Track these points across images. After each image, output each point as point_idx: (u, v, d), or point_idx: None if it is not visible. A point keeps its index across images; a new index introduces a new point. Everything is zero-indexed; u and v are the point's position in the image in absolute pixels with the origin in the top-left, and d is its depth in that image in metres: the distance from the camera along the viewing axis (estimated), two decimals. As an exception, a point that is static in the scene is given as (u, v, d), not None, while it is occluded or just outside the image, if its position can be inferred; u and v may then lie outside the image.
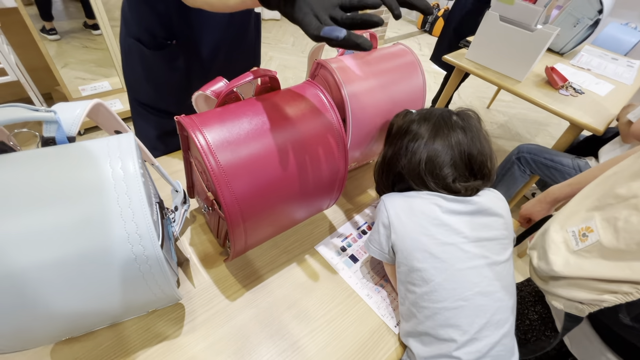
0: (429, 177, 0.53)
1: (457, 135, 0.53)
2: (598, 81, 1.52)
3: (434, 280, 0.48)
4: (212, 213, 0.53)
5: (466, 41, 1.66)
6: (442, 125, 0.54)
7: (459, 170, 0.53)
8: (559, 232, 0.53)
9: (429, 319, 0.48)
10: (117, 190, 0.33)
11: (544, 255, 0.54)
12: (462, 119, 0.55)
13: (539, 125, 2.54)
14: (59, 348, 0.47)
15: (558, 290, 0.50)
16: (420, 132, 0.54)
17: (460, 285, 0.47)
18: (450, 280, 0.47)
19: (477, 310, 0.47)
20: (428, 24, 3.73)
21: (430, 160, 0.52)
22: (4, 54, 1.30)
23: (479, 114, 0.58)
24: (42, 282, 0.31)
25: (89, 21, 2.27)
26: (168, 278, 0.39)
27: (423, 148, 0.53)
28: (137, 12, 0.65)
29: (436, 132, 0.54)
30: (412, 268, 0.50)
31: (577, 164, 1.25)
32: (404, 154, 0.54)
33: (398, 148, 0.56)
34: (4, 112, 0.32)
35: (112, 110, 0.42)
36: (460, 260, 0.48)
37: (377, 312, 0.57)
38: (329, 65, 0.59)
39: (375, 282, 0.62)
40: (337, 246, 0.66)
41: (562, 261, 0.50)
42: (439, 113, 0.56)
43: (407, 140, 0.55)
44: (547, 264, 0.52)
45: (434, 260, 0.48)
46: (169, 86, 0.75)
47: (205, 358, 0.48)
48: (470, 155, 0.53)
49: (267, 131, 0.45)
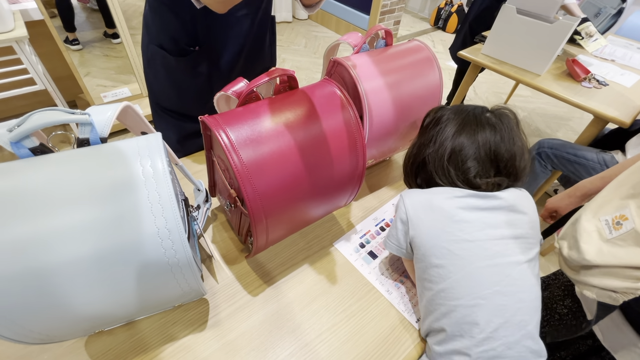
0: (451, 168, 0.53)
1: (485, 131, 0.53)
2: (623, 72, 1.46)
3: (451, 277, 0.47)
4: (234, 210, 0.54)
5: (482, 36, 1.63)
6: (471, 121, 0.54)
7: (484, 166, 0.52)
8: (591, 221, 0.53)
9: (445, 316, 0.48)
10: (147, 187, 0.35)
11: (575, 245, 0.53)
12: (496, 117, 0.55)
13: (560, 120, 2.46)
14: (92, 340, 0.49)
15: (590, 279, 0.49)
16: (449, 125, 0.55)
17: (479, 284, 0.47)
18: (468, 277, 0.47)
19: (495, 310, 0.46)
20: (441, 21, 3.68)
21: (455, 153, 0.53)
22: (32, 64, 1.37)
23: (517, 114, 0.57)
24: (78, 278, 0.33)
25: (109, 31, 2.36)
26: (195, 272, 0.40)
27: (449, 140, 0.54)
28: (161, 20, 0.67)
29: (464, 126, 0.54)
30: (430, 264, 0.50)
31: (602, 158, 1.20)
32: (431, 143, 0.55)
33: (426, 138, 0.57)
34: (44, 115, 0.34)
35: (140, 112, 0.44)
36: (480, 258, 0.47)
37: (398, 307, 0.57)
38: (345, 62, 0.60)
39: (394, 278, 0.62)
40: (355, 243, 0.66)
41: (595, 250, 0.49)
42: (472, 109, 0.57)
43: (436, 132, 0.56)
44: (579, 253, 0.51)
45: (453, 257, 0.48)
46: (191, 91, 0.77)
47: (230, 351, 0.50)
48: (497, 153, 0.52)
49: (287, 129, 0.46)
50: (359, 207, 0.73)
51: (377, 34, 0.68)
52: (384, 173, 0.83)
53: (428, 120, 0.60)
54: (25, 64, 1.35)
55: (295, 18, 3.55)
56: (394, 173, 0.83)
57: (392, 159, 0.87)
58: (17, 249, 0.30)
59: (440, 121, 0.57)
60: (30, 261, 0.30)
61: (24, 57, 1.33)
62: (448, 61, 2.27)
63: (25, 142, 0.35)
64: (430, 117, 0.60)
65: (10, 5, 1.37)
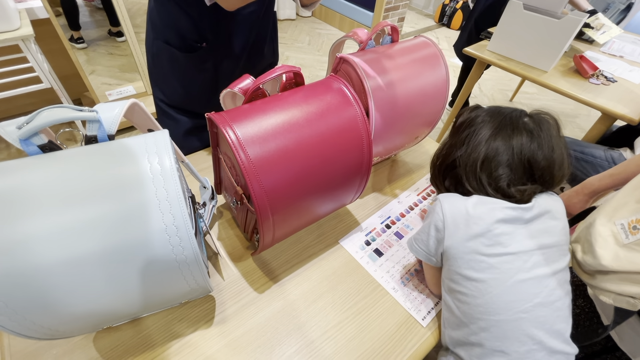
0: (483, 175, 0.51)
1: (520, 137, 0.50)
2: (632, 68, 1.44)
3: (491, 291, 0.46)
4: (241, 207, 0.54)
5: (487, 32, 1.61)
6: (507, 125, 0.52)
7: (517, 173, 0.50)
8: (606, 225, 0.51)
9: (484, 331, 0.46)
10: (155, 184, 0.35)
11: (589, 249, 0.52)
12: (535, 122, 0.52)
13: (567, 117, 2.43)
14: (100, 336, 0.49)
15: (607, 284, 0.49)
16: (483, 127, 0.52)
17: (520, 297, 0.45)
18: (509, 292, 0.45)
19: (537, 322, 0.45)
20: (446, 17, 3.65)
21: (488, 159, 0.50)
22: (38, 62, 1.38)
23: (558, 120, 0.54)
24: (86, 274, 0.33)
25: (113, 29, 2.37)
26: (202, 269, 0.40)
27: (483, 145, 0.51)
28: (169, 16, 0.67)
29: (499, 130, 0.51)
30: (466, 277, 0.48)
31: (611, 155, 1.18)
32: (463, 146, 0.53)
33: (458, 139, 0.55)
34: (53, 113, 0.34)
35: (146, 109, 0.44)
36: (520, 270, 0.46)
37: (404, 305, 0.57)
38: (351, 59, 0.59)
39: (400, 275, 0.61)
40: (361, 240, 0.66)
41: (611, 255, 0.48)
42: (509, 112, 0.54)
43: (468, 134, 0.53)
44: (595, 258, 0.50)
45: (493, 270, 0.46)
46: (197, 87, 0.77)
47: (236, 348, 0.50)
48: (533, 161, 0.50)
49: (294, 126, 0.45)
50: (365, 205, 0.73)
51: (383, 31, 0.68)
52: (389, 171, 0.82)
53: (461, 119, 0.57)
54: (31, 62, 1.36)
55: (298, 15, 3.54)
56: (399, 171, 0.83)
57: (397, 157, 0.87)
58: (27, 245, 0.30)
59: (474, 122, 0.54)
60: (40, 257, 0.30)
61: (30, 55, 1.34)
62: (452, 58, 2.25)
63: (34, 139, 0.35)
64: (464, 116, 0.57)
65: (16, 4, 1.38)
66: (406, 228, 0.70)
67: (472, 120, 0.55)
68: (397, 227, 0.70)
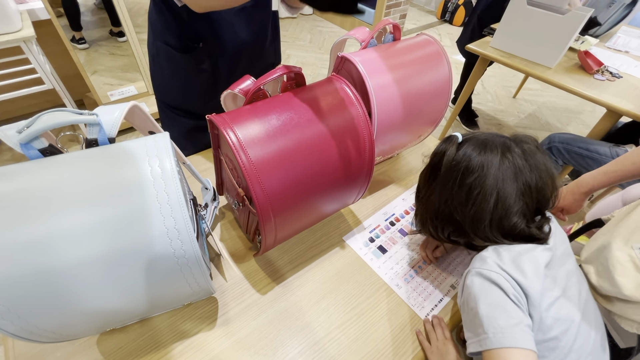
0: (495, 230, 0.45)
1: (523, 175, 0.45)
2: (637, 64, 1.42)
3: (565, 345, 0.42)
4: (242, 209, 0.54)
5: (490, 29, 1.59)
6: (506, 163, 0.45)
7: (529, 212, 0.46)
8: (623, 250, 0.49)
9: None
10: (156, 187, 0.35)
11: (606, 275, 0.50)
12: (523, 151, 0.47)
13: (571, 114, 2.41)
14: (103, 338, 0.49)
15: (629, 313, 0.47)
16: (486, 178, 0.45)
17: (584, 344, 0.43)
18: (578, 337, 0.43)
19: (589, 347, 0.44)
20: (448, 14, 3.62)
21: (498, 211, 0.44)
22: (40, 63, 1.38)
23: (536, 138, 0.50)
24: (88, 278, 0.33)
25: (115, 29, 2.37)
26: (204, 271, 0.40)
27: (493, 197, 0.44)
28: (164, 17, 0.67)
29: (501, 172, 0.45)
30: (544, 339, 0.42)
31: (616, 152, 1.17)
32: (469, 204, 0.45)
33: (454, 191, 0.47)
34: (53, 116, 0.34)
35: (147, 111, 0.44)
36: (574, 307, 0.44)
37: (408, 302, 0.57)
38: (352, 58, 0.59)
39: (404, 272, 0.61)
40: (365, 237, 0.66)
41: (634, 284, 0.47)
42: (499, 144, 0.47)
43: (470, 187, 0.45)
44: (614, 286, 0.49)
45: (560, 323, 0.42)
46: (196, 88, 0.77)
47: (240, 349, 0.50)
48: (542, 195, 0.46)
49: (295, 126, 0.45)
50: (367, 205, 0.73)
51: (384, 29, 0.67)
52: (391, 170, 0.82)
53: (448, 160, 0.48)
54: (33, 63, 1.36)
55: (300, 13, 3.52)
56: (402, 169, 0.82)
57: (400, 156, 0.86)
58: (29, 250, 0.30)
59: (470, 170, 0.45)
60: (42, 262, 0.30)
61: (31, 56, 1.34)
62: (455, 55, 2.23)
63: (34, 143, 0.35)
64: (449, 156, 0.48)
65: (18, 5, 1.38)
66: (410, 225, 0.70)
67: (469, 168, 0.46)
68: (401, 224, 0.70)
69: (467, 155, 0.47)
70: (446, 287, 0.60)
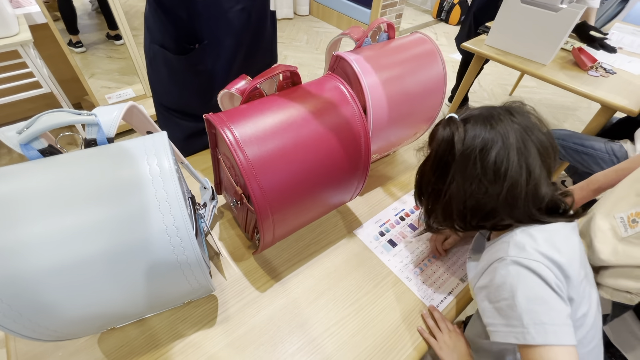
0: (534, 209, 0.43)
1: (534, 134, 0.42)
2: (631, 59, 1.43)
3: (588, 323, 0.43)
4: (241, 207, 0.55)
5: (485, 27, 1.60)
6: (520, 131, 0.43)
7: (550, 174, 0.44)
8: (605, 219, 0.51)
9: None
10: (154, 185, 0.35)
11: (589, 244, 0.52)
12: (517, 112, 0.44)
13: (567, 110, 2.42)
14: (104, 338, 0.50)
15: (605, 279, 0.49)
16: (510, 151, 0.41)
17: (596, 318, 0.44)
18: (595, 315, 0.44)
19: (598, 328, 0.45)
20: (444, 13, 3.63)
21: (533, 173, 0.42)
22: (37, 67, 1.38)
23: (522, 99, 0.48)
24: (89, 277, 0.33)
25: (111, 32, 2.37)
26: (203, 268, 0.41)
27: (524, 169, 0.41)
28: (160, 19, 0.68)
29: (520, 136, 0.42)
30: (576, 318, 0.42)
31: (611, 147, 1.18)
32: (497, 177, 0.41)
33: (480, 172, 0.42)
34: (52, 117, 0.34)
35: (145, 112, 0.45)
36: (590, 283, 0.44)
37: (418, 294, 0.59)
38: (347, 57, 0.59)
39: (415, 264, 0.63)
40: (375, 231, 0.68)
41: (610, 249, 0.48)
42: (501, 111, 0.44)
43: (496, 167, 0.41)
44: (594, 253, 0.50)
45: (587, 300, 0.43)
46: (193, 89, 0.77)
47: (239, 347, 0.50)
48: (552, 146, 0.43)
49: (292, 125, 0.46)
50: (365, 203, 0.73)
51: (379, 28, 0.68)
52: (388, 167, 0.82)
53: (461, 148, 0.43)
54: (31, 67, 1.36)
55: (296, 14, 3.53)
56: (399, 167, 0.83)
57: (397, 153, 0.87)
58: (29, 249, 0.30)
59: (489, 147, 0.42)
60: (43, 261, 0.31)
61: (29, 60, 1.34)
62: (451, 54, 2.24)
63: (34, 143, 0.35)
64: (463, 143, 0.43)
65: (15, 9, 1.38)
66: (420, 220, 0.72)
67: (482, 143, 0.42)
68: (410, 219, 0.72)
69: (478, 134, 0.43)
70: (455, 280, 0.62)
